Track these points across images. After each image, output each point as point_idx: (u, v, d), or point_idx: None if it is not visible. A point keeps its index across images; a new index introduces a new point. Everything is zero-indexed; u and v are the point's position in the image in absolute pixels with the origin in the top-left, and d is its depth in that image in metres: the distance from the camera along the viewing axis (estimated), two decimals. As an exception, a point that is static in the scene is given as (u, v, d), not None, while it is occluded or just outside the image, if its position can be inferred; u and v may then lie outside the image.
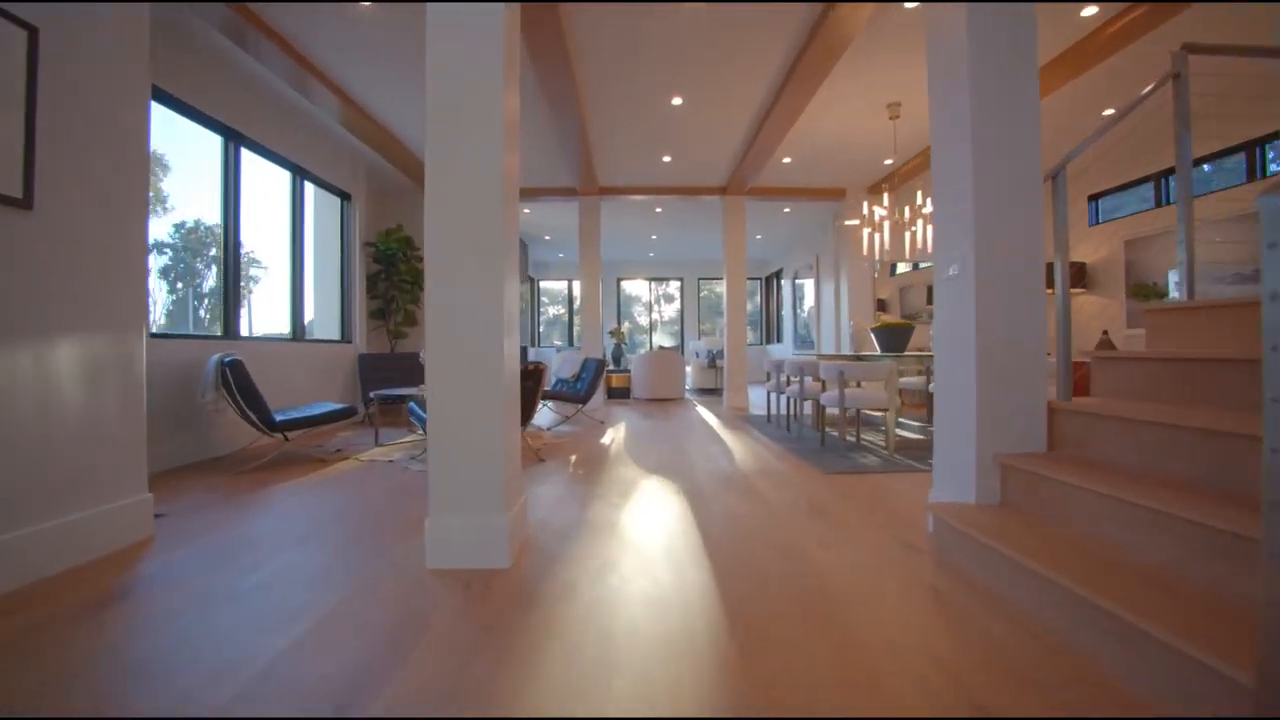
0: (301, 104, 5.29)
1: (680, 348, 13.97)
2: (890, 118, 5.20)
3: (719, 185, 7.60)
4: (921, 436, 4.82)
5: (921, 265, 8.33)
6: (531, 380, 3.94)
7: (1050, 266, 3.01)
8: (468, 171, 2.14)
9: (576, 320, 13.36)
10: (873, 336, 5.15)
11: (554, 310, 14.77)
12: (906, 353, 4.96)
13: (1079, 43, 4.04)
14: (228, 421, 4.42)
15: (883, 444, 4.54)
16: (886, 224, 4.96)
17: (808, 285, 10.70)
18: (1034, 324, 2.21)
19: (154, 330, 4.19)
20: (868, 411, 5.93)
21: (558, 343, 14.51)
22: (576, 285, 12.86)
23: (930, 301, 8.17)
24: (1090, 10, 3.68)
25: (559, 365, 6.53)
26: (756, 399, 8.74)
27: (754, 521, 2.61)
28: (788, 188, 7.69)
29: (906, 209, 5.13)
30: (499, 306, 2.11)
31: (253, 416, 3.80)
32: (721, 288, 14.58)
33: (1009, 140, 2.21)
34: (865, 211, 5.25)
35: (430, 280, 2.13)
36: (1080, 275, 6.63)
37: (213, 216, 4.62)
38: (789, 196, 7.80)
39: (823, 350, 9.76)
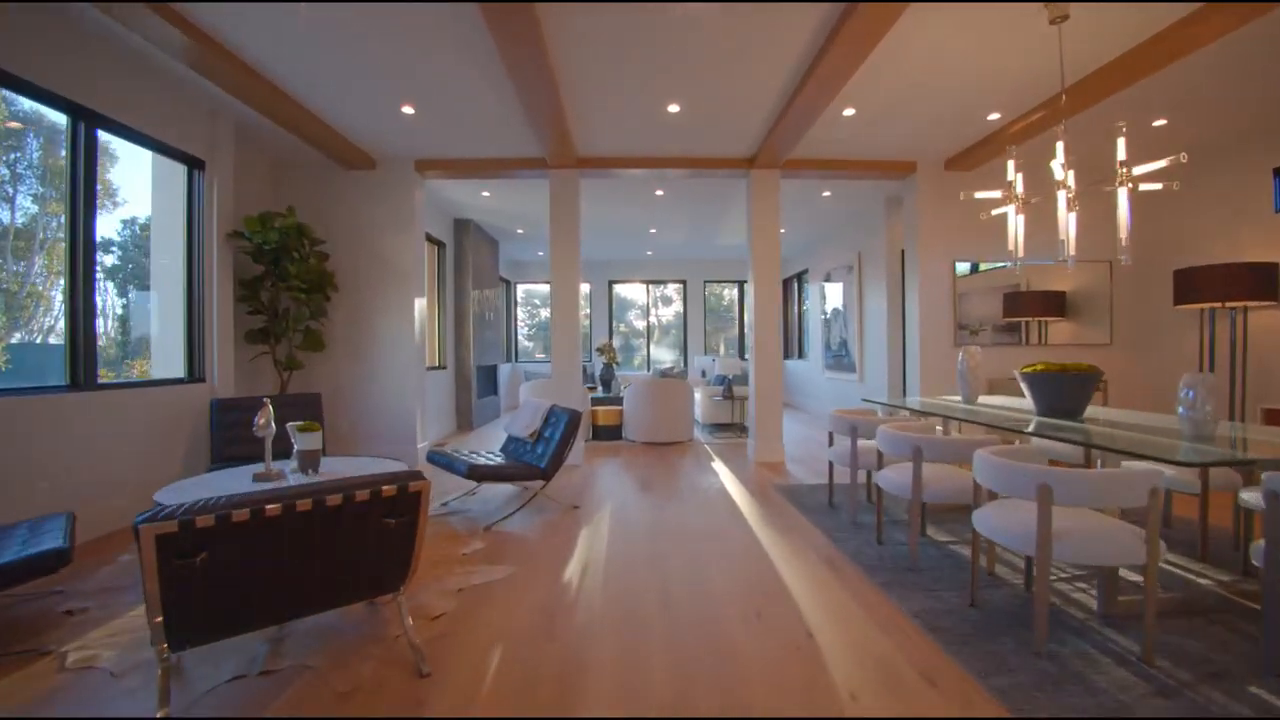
0: (105, 24, 3.19)
1: (683, 363, 11.88)
2: (1051, 20, 3.10)
3: (745, 156, 5.50)
4: (1169, 591, 2.73)
5: (984, 266, 6.20)
6: (403, 514, 1.84)
7: None
8: None
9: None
10: (1023, 384, 3.06)
11: (546, 314, 12.64)
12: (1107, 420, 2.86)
13: None
14: None
15: (1091, 606, 2.44)
16: (1062, 198, 2.86)
17: (838, 290, 8.61)
18: None
19: None
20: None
21: (540, 356, 12.40)
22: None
23: (1008, 314, 6.06)
24: None
25: (518, 411, 4.43)
26: (790, 439, 6.62)
27: None
28: (838, 159, 5.59)
29: (1070, 174, 3.02)
30: None
31: None
32: (729, 292, 12.51)
33: None
34: (1010, 175, 3.15)
35: None
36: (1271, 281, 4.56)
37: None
38: (839, 172, 5.70)
39: (866, 377, 7.67)
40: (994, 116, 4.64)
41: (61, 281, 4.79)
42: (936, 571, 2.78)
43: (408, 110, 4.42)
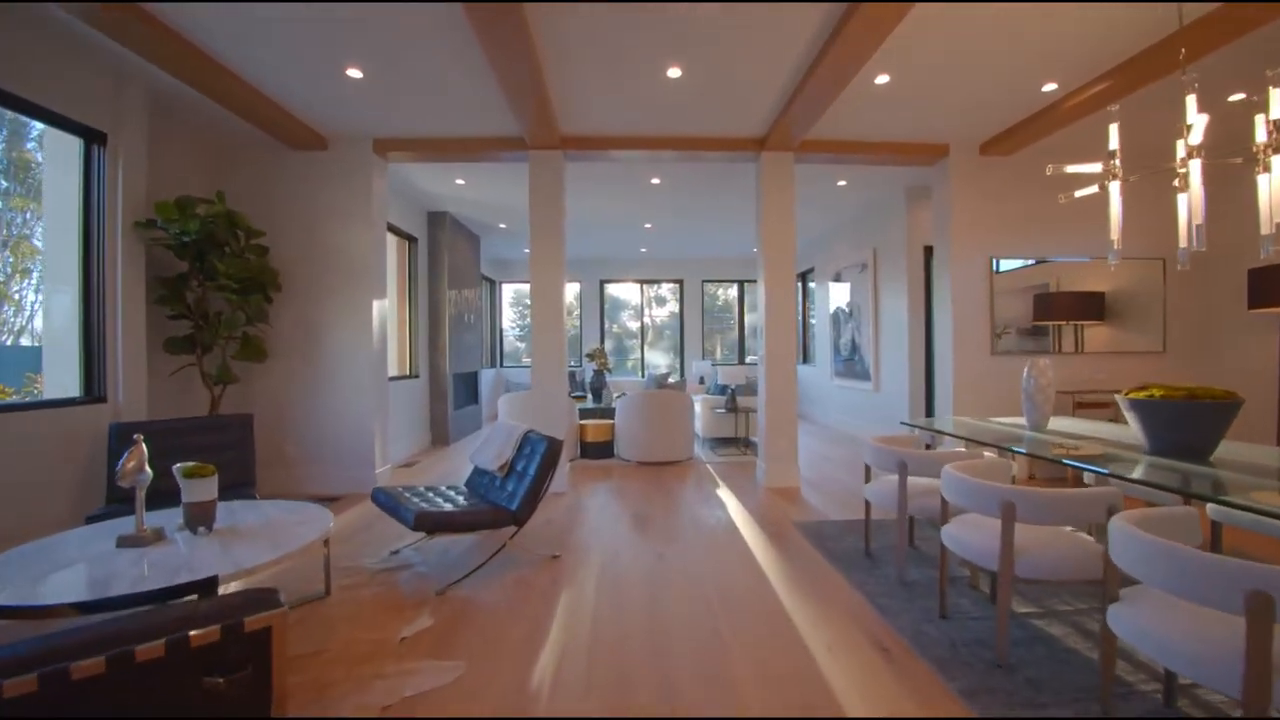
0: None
1: (680, 367, 11.16)
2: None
3: (754, 136, 4.79)
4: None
5: (1006, 264, 5.39)
6: (240, 667, 1.11)
7: None
8: None
9: (567, 324, 10.12)
10: (1131, 414, 2.37)
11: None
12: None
13: None
14: None
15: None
16: (1196, 170, 2.16)
17: (850, 289, 7.93)
18: None
19: None
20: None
21: (528, 360, 11.64)
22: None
23: (1040, 316, 5.34)
24: None
25: (486, 436, 3.69)
26: (800, 457, 5.89)
27: None
28: (860, 141, 4.90)
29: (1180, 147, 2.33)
30: None
31: None
32: (723, 292, 11.76)
33: None
34: (1114, 144, 2.45)
35: None
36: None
37: None
38: (861, 156, 5.00)
39: (881, 385, 6.99)
40: (1050, 88, 3.96)
41: (30, 281, 4.25)
42: (1032, 668, 2.07)
43: (354, 74, 3.67)
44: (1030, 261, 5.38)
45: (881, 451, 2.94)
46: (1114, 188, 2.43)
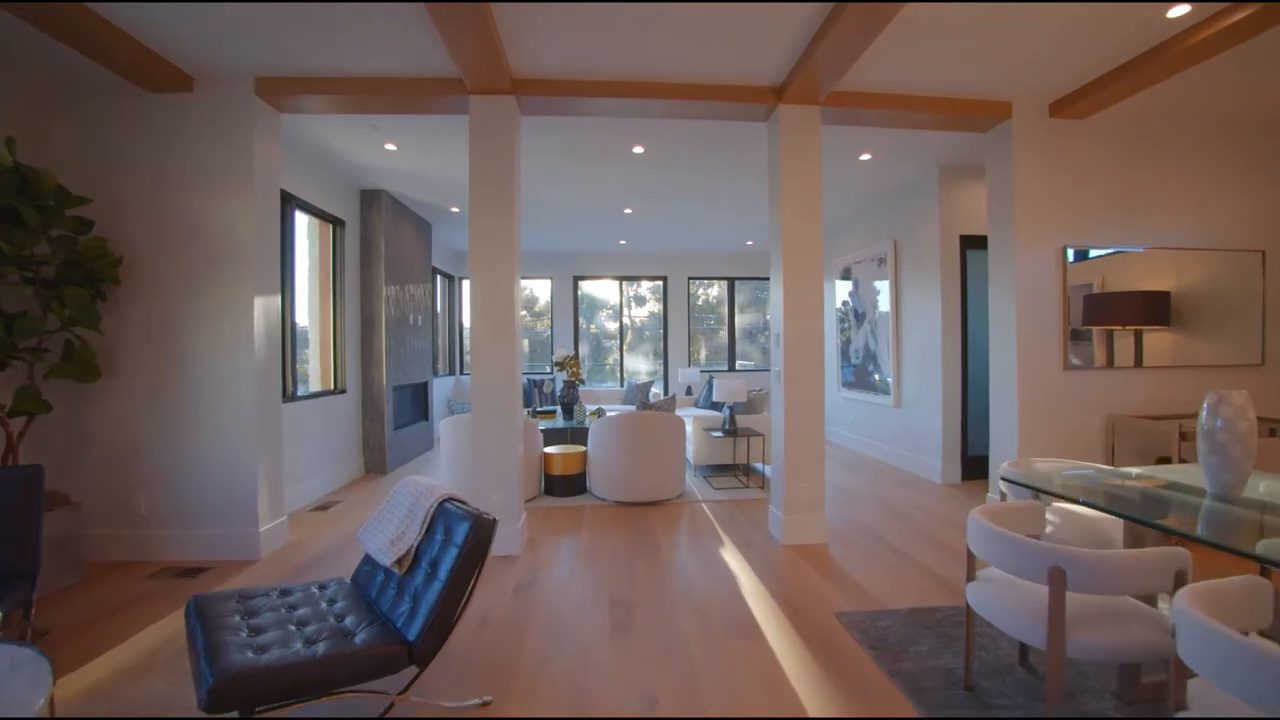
0: None
1: (664, 375, 10.01)
2: None
3: (770, 84, 3.66)
4: None
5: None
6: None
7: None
8: None
9: (538, 326, 8.18)
10: None
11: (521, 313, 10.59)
12: None
13: None
14: None
15: None
16: None
17: (858, 287, 6.88)
18: None
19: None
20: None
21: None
22: (534, 284, 7.48)
23: (1093, 320, 4.23)
24: None
25: (385, 503, 2.44)
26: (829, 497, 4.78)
27: None
28: (902, 95, 3.80)
29: None
30: None
31: None
32: (705, 290, 10.59)
33: None
34: None
35: None
36: None
37: None
38: (900, 113, 3.89)
39: (903, 400, 5.93)
40: (1179, 11, 2.89)
41: None
42: None
43: (189, -45, 2.44)
44: (1070, 257, 4.32)
45: (1014, 546, 1.80)
46: None
